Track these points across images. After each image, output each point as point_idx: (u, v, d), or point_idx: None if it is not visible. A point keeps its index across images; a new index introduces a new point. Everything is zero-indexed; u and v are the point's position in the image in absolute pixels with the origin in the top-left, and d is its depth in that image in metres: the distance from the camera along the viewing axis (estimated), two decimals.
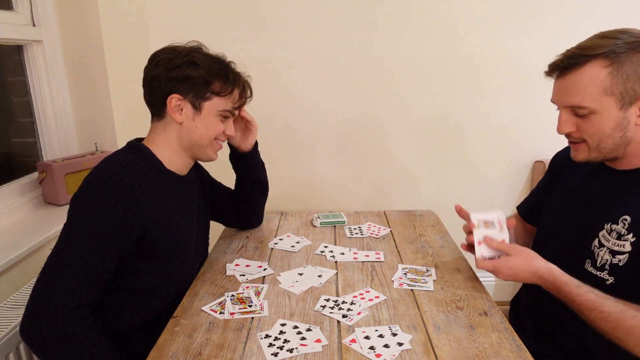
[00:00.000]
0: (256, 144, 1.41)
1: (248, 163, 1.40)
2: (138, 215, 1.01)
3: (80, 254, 0.96)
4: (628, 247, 0.99)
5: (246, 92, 1.20)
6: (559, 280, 1.01)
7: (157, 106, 1.12)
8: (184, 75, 1.08)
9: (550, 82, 1.07)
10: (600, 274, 1.04)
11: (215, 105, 1.12)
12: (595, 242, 1.06)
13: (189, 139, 1.14)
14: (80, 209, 0.99)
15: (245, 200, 1.46)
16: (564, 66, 1.00)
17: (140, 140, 1.18)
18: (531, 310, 1.24)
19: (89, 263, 0.97)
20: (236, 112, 1.21)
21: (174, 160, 1.15)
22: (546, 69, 1.05)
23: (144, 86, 1.13)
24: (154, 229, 1.05)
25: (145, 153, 1.11)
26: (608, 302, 0.94)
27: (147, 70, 1.12)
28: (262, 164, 1.46)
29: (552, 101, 1.07)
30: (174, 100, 1.09)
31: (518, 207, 1.43)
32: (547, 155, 1.35)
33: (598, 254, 1.05)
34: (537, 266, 1.04)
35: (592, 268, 1.05)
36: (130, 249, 1.03)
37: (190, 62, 1.08)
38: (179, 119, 1.11)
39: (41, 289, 0.95)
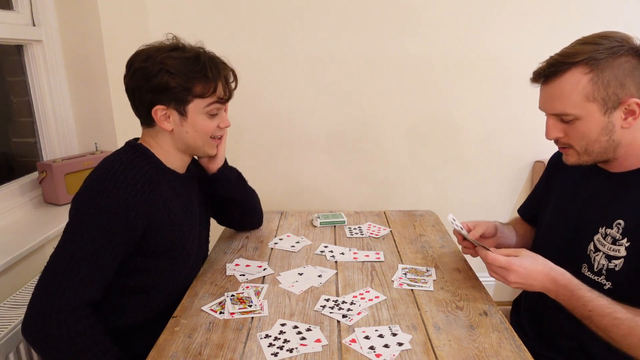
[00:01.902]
0: (225, 162, 1.31)
1: (219, 184, 1.30)
2: (141, 213, 1.01)
3: (84, 253, 0.97)
4: (623, 252, 0.99)
5: (229, 84, 1.14)
6: (571, 283, 0.98)
7: (144, 117, 1.11)
8: (161, 85, 1.04)
9: None
10: (597, 278, 1.03)
11: (199, 104, 1.09)
12: (591, 247, 1.05)
13: (182, 143, 1.13)
14: (83, 208, 0.99)
15: (235, 215, 1.45)
16: (546, 74, 1.01)
17: (138, 139, 1.17)
18: (530, 311, 1.23)
19: (92, 262, 0.97)
20: (225, 103, 1.15)
21: (170, 160, 1.15)
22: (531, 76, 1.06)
23: (127, 96, 1.11)
24: (157, 227, 1.05)
25: (145, 152, 1.11)
26: (619, 309, 0.92)
27: (126, 81, 1.09)
28: (237, 180, 1.36)
29: (539, 108, 1.07)
30: (159, 111, 1.07)
31: (519, 210, 1.43)
32: (547, 155, 1.34)
33: (594, 258, 1.04)
34: (550, 267, 1.01)
35: (589, 273, 1.05)
36: (133, 247, 1.03)
37: (165, 72, 1.04)
38: (168, 127, 1.09)
39: (44, 288, 0.95)
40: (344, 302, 1.08)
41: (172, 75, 1.04)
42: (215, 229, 1.49)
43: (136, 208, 1.00)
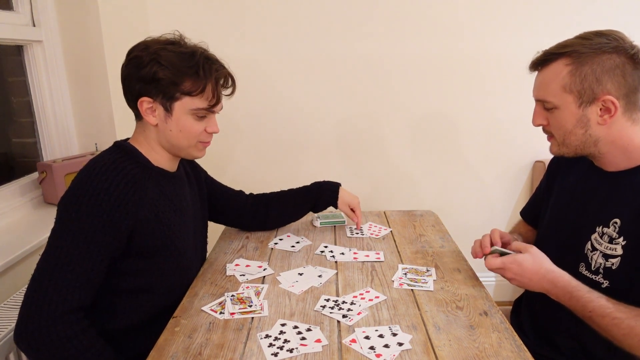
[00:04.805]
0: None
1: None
2: (125, 214, 1.00)
3: (69, 257, 0.95)
4: (620, 251, 0.99)
5: (219, 87, 1.10)
6: (570, 285, 0.98)
7: (132, 107, 1.10)
8: (150, 76, 1.02)
9: None
10: (595, 277, 1.03)
11: (186, 104, 1.06)
12: (588, 246, 1.06)
13: (166, 141, 1.10)
14: (67, 212, 0.98)
15: (287, 219, 1.54)
16: (538, 63, 1.08)
17: (128, 139, 1.16)
18: (530, 311, 1.24)
19: (78, 266, 0.96)
20: (216, 109, 1.12)
21: (158, 159, 1.13)
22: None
23: (121, 84, 1.09)
24: (144, 227, 1.04)
25: (131, 152, 1.09)
26: (620, 308, 0.93)
27: (122, 68, 1.07)
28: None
29: (532, 96, 1.12)
30: (144, 103, 1.05)
31: (521, 212, 1.43)
32: (547, 155, 1.34)
33: (592, 257, 1.04)
34: (547, 269, 1.01)
35: (586, 271, 1.05)
36: (120, 249, 1.02)
37: (155, 62, 1.02)
38: (153, 121, 1.07)
39: (32, 295, 0.95)
40: (344, 302, 1.08)
41: (162, 67, 1.02)
42: (216, 229, 1.49)
43: (120, 209, 0.99)
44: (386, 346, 0.92)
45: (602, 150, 1.04)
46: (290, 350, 0.91)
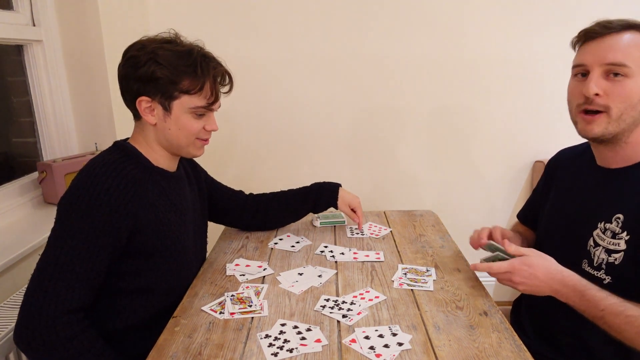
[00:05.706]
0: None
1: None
2: (125, 215, 1.00)
3: (69, 258, 0.95)
4: (623, 246, 0.99)
5: (217, 85, 1.11)
6: (580, 284, 0.97)
7: (130, 108, 1.10)
8: (148, 75, 1.02)
9: (550, 81, 1.08)
10: (597, 273, 1.03)
11: (185, 103, 1.06)
12: (591, 242, 1.06)
13: (165, 140, 1.10)
14: (66, 213, 0.98)
15: (286, 220, 1.55)
16: (613, 27, 1.00)
17: (127, 139, 1.15)
18: (530, 310, 1.24)
19: (78, 267, 0.96)
20: (214, 107, 1.12)
21: (158, 159, 1.13)
22: (575, 39, 1.06)
23: (119, 84, 1.09)
24: (143, 227, 1.04)
25: (131, 152, 1.09)
26: (630, 306, 0.92)
27: (119, 69, 1.07)
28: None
29: (579, 63, 1.04)
30: (143, 102, 1.05)
31: (518, 215, 1.43)
32: (547, 155, 1.35)
33: (594, 253, 1.05)
34: (557, 269, 0.99)
35: (589, 268, 1.05)
36: (120, 249, 1.02)
37: (153, 61, 1.02)
38: (152, 121, 1.07)
39: (32, 296, 0.95)
40: (344, 302, 1.08)
41: (160, 66, 1.02)
42: (216, 229, 1.49)
43: (119, 210, 0.99)
44: (386, 346, 0.92)
45: (629, 140, 1.02)
46: (290, 350, 0.91)
